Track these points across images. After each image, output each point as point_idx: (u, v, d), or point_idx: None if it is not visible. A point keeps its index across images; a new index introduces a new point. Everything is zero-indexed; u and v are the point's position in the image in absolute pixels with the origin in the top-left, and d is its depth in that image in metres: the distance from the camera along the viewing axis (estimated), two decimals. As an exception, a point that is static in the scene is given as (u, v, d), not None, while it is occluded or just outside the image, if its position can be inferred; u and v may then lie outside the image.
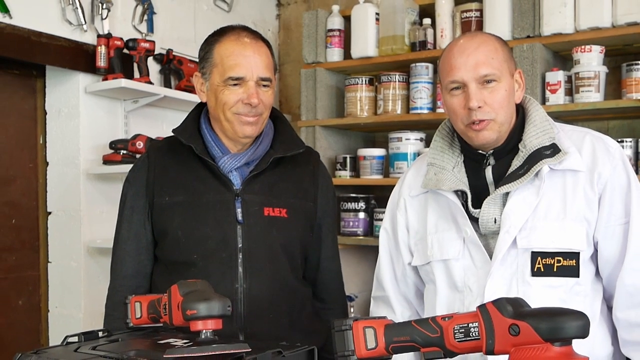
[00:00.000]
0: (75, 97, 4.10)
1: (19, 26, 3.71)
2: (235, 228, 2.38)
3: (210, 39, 2.45)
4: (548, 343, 1.21)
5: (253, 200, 2.41)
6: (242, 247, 2.37)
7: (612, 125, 4.16)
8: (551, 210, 2.09)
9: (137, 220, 2.46)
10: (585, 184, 2.07)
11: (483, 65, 2.08)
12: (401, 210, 2.40)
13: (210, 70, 2.39)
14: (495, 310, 1.31)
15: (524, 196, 2.09)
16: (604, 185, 2.07)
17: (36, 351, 1.71)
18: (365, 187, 4.70)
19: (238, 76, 2.34)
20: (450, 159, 2.25)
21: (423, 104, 4.30)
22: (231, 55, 2.36)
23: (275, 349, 1.66)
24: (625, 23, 3.66)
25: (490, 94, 2.08)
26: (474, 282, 2.15)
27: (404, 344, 1.47)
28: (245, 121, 2.36)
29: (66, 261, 4.13)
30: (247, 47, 2.38)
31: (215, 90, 2.37)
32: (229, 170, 2.42)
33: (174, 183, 2.43)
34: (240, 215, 2.39)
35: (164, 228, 2.42)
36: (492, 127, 2.10)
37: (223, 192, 2.40)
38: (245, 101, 2.33)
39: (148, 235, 2.46)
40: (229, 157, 2.43)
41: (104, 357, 1.67)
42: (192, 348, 1.64)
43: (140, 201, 2.45)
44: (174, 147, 2.48)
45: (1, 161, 4.00)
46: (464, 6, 4.20)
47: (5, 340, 3.98)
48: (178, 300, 1.75)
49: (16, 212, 4.08)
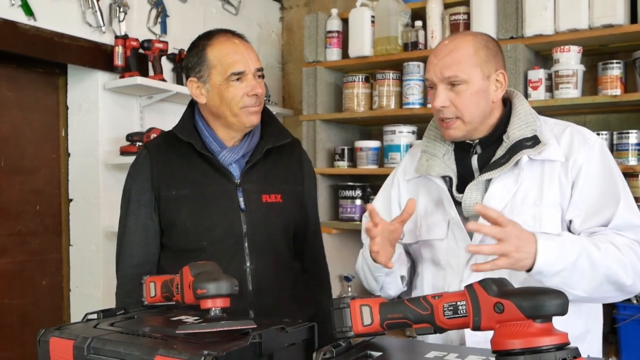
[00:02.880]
0: (95, 93, 4.10)
1: (43, 28, 3.72)
2: (239, 215, 2.39)
3: (199, 45, 2.44)
4: (530, 320, 1.21)
5: (252, 189, 2.43)
6: (246, 232, 2.39)
7: (589, 119, 4.15)
8: (528, 196, 2.09)
9: (144, 213, 2.44)
10: (560, 172, 2.07)
11: (448, 69, 2.09)
12: (395, 190, 2.42)
13: (209, 72, 2.38)
14: (481, 289, 1.31)
15: (504, 183, 2.10)
16: (577, 172, 2.05)
17: (59, 327, 1.71)
18: (361, 176, 4.70)
19: (239, 71, 2.35)
20: (442, 147, 2.26)
21: (415, 100, 4.30)
22: (228, 54, 2.37)
23: (279, 325, 1.66)
24: (601, 25, 3.65)
25: (456, 95, 2.09)
26: (456, 261, 2.17)
27: (397, 321, 1.47)
28: (252, 111, 2.39)
29: (86, 244, 4.14)
30: (239, 45, 2.41)
31: (218, 90, 2.37)
32: (228, 163, 2.44)
33: (178, 177, 2.42)
34: (242, 204, 2.40)
35: (172, 219, 2.42)
36: (458, 125, 2.12)
37: (225, 183, 2.41)
38: (250, 93, 2.36)
39: (155, 226, 2.45)
40: (227, 151, 2.44)
41: (121, 332, 1.67)
42: (202, 324, 1.64)
43: (145, 195, 2.44)
44: (172, 143, 2.48)
45: (26, 152, 4.00)
46: (453, 9, 4.20)
47: (31, 317, 3.99)
48: (189, 281, 1.75)
49: (40, 200, 4.08)
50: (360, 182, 4.61)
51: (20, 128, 3.97)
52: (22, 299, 3.96)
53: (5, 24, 3.54)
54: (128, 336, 1.63)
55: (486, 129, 2.17)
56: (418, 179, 2.33)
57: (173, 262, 2.37)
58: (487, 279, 1.32)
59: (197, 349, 1.45)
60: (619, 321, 3.41)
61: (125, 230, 2.47)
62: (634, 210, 2.02)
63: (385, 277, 2.23)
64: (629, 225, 1.98)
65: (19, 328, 3.93)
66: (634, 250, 1.95)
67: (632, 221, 1.99)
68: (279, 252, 2.48)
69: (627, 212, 2.00)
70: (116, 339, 1.59)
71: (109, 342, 1.56)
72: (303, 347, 1.73)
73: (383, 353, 1.50)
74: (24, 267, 3.98)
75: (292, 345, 1.68)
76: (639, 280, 1.94)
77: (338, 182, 4.73)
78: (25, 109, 3.99)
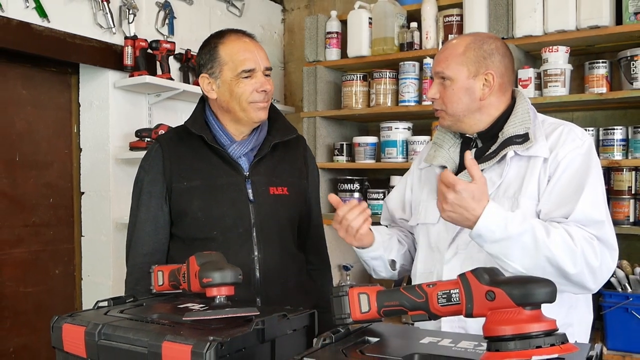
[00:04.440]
0: (105, 91, 4.10)
1: (56, 29, 3.71)
2: (248, 206, 2.40)
3: (211, 43, 2.45)
4: (520, 307, 1.21)
5: (260, 181, 2.44)
6: (254, 222, 2.39)
7: (576, 116, 4.16)
8: (510, 189, 2.10)
9: (155, 204, 2.44)
10: (542, 167, 2.08)
11: (439, 65, 2.19)
12: (410, 176, 2.49)
13: (220, 69, 2.40)
14: (473, 278, 1.30)
15: (490, 176, 2.11)
16: (556, 166, 2.06)
17: (71, 314, 1.71)
18: (359, 170, 4.71)
19: (250, 68, 2.37)
20: (449, 140, 2.32)
21: (410, 98, 4.30)
22: (239, 52, 2.39)
23: (281, 312, 1.66)
24: (587, 26, 3.65)
25: (443, 90, 2.19)
26: (443, 244, 2.21)
27: (393, 308, 1.47)
28: (260, 107, 2.41)
29: (97, 235, 4.14)
30: (249, 43, 2.43)
31: (229, 85, 2.38)
32: (238, 156, 2.44)
33: (189, 169, 2.42)
34: (251, 195, 2.41)
35: (183, 209, 2.42)
36: (444, 116, 2.23)
37: (234, 175, 2.42)
38: (259, 89, 2.38)
39: (165, 217, 2.45)
40: (237, 145, 2.45)
41: (130, 319, 1.67)
42: (207, 312, 1.64)
43: (157, 187, 2.44)
44: (183, 137, 2.49)
45: (40, 148, 4.00)
46: (446, 11, 4.20)
47: (44, 304, 4.00)
48: (195, 270, 1.76)
49: (53, 193, 4.08)
50: (358, 176, 4.62)
51: (35, 124, 3.97)
52: (36, 287, 3.96)
53: (20, 26, 3.54)
54: (137, 323, 1.63)
55: (482, 124, 2.21)
56: (428, 168, 2.38)
57: (182, 251, 2.36)
58: (480, 269, 1.32)
59: (203, 334, 1.45)
60: (604, 308, 3.43)
61: (137, 220, 2.46)
62: (599, 206, 2.00)
63: (373, 260, 2.30)
64: (590, 220, 1.96)
65: (34, 315, 3.93)
66: (590, 243, 1.92)
67: (594, 216, 1.97)
68: (285, 242, 2.49)
69: (590, 206, 1.98)
70: (126, 325, 1.59)
71: (118, 329, 1.56)
72: (304, 333, 1.73)
73: (380, 339, 1.50)
74: (38, 256, 3.98)
75: (293, 331, 1.68)
76: (587, 271, 1.91)
77: (337, 176, 4.73)
78: (39, 106, 3.99)
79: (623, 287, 3.45)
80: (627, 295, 3.40)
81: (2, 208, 3.79)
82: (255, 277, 2.36)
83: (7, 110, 3.82)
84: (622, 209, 3.60)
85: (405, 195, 2.47)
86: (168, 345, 1.43)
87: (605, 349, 3.43)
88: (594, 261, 1.92)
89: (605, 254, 1.96)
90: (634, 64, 3.56)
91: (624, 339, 3.43)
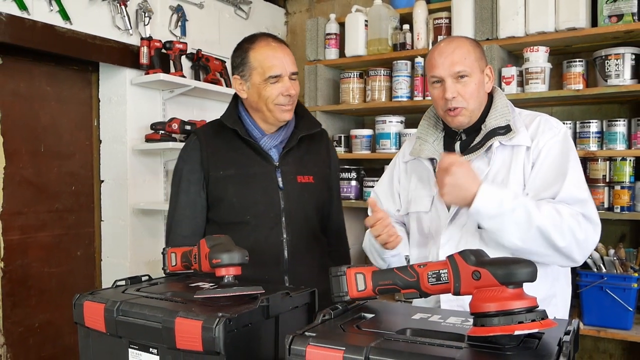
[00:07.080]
0: (123, 88, 4.09)
1: (77, 30, 3.71)
2: (278, 193, 2.43)
3: (243, 47, 2.46)
4: (503, 286, 1.21)
5: (289, 170, 2.47)
6: (284, 208, 2.42)
7: (555, 110, 4.15)
8: (497, 177, 2.11)
9: (194, 191, 2.46)
10: (525, 155, 2.09)
11: (457, 64, 2.12)
12: (396, 169, 2.46)
13: (250, 73, 2.41)
14: (461, 259, 1.30)
15: (478, 165, 2.12)
16: (538, 153, 2.08)
17: (92, 292, 1.71)
18: (356, 160, 4.69)
19: (276, 74, 2.38)
20: (433, 134, 2.31)
21: (403, 94, 4.28)
22: (267, 58, 2.39)
23: (284, 290, 1.66)
24: (566, 28, 3.64)
25: (463, 87, 2.13)
26: (436, 230, 2.21)
27: (387, 286, 1.46)
28: (285, 109, 2.42)
29: (116, 220, 4.14)
30: (277, 49, 2.43)
31: (257, 88, 2.40)
32: (268, 148, 2.47)
33: (225, 159, 2.45)
34: (281, 183, 2.44)
35: (220, 196, 2.43)
36: (464, 113, 2.16)
37: (265, 165, 2.44)
38: (284, 93, 2.39)
39: (203, 202, 2.46)
40: (268, 138, 2.48)
41: (146, 296, 1.67)
42: (217, 290, 1.64)
43: (195, 175, 2.45)
44: (218, 130, 2.51)
45: (63, 139, 3.99)
46: (436, 15, 4.19)
47: (67, 284, 4.00)
48: (206, 252, 1.76)
49: (75, 181, 4.07)
50: (355, 166, 4.61)
51: (58, 118, 3.96)
52: (59, 267, 3.96)
53: (45, 27, 3.53)
54: (152, 300, 1.63)
55: (475, 119, 2.21)
56: (413, 160, 2.36)
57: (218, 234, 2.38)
58: (466, 250, 1.32)
59: (212, 311, 1.45)
60: (581, 287, 3.43)
61: (177, 206, 2.49)
62: (581, 186, 2.03)
63: (392, 257, 2.26)
64: (575, 199, 1.99)
65: (57, 293, 3.94)
66: (576, 219, 1.95)
67: (578, 195, 1.99)
68: (311, 226, 2.52)
69: (574, 187, 2.00)
70: (142, 302, 1.59)
71: (135, 305, 1.56)
72: (305, 309, 1.73)
73: (375, 315, 1.50)
74: (61, 239, 3.98)
75: (295, 308, 1.68)
76: (574, 245, 1.94)
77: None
78: (62, 101, 3.98)
79: (598, 267, 3.46)
80: (602, 275, 3.40)
81: (28, 195, 3.79)
82: (284, 257, 2.39)
83: (33, 105, 3.82)
84: (597, 196, 3.59)
85: (394, 187, 2.45)
86: (180, 320, 1.44)
87: (582, 324, 3.43)
88: (580, 234, 1.94)
89: (589, 229, 1.98)
90: (608, 62, 3.54)
91: (598, 315, 3.44)
